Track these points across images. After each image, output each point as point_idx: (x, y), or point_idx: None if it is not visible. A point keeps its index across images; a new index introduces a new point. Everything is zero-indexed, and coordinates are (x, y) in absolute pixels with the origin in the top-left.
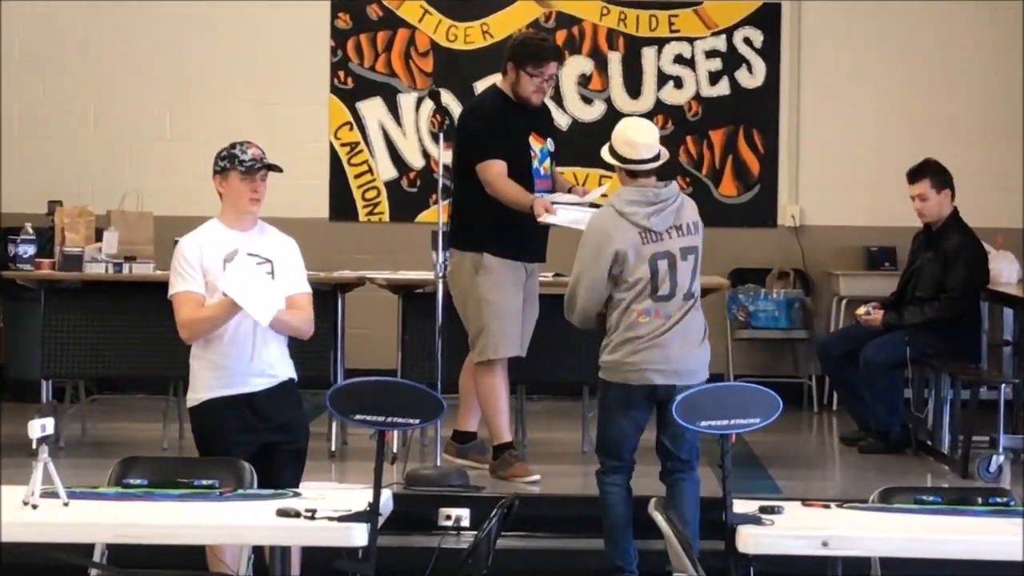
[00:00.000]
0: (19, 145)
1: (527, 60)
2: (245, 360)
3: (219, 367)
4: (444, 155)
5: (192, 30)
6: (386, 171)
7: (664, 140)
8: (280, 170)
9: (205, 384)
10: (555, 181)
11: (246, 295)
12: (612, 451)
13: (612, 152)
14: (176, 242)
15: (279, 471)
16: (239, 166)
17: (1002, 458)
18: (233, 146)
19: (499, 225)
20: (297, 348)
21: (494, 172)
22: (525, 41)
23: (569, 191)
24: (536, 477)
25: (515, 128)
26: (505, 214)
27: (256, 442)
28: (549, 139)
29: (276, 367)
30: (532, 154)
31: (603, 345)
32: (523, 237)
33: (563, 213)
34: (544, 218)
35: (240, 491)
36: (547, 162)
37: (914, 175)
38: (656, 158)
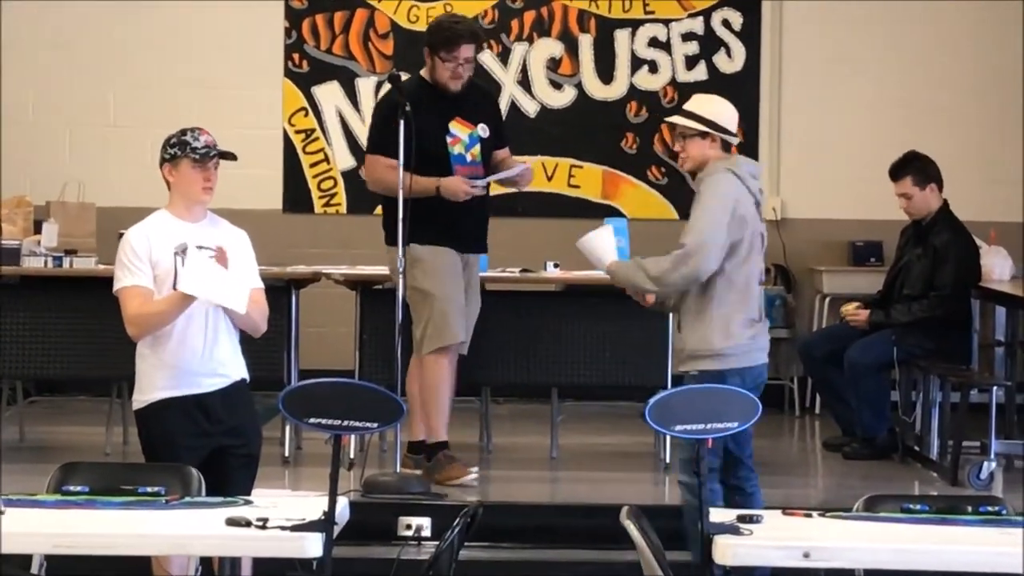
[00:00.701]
0: None
1: (439, 46)
2: (196, 359)
3: (168, 366)
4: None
5: (136, 9)
6: (343, 160)
7: (637, 128)
8: (234, 158)
9: (153, 384)
10: (497, 166)
11: (212, 289)
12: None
13: (713, 124)
14: (121, 234)
15: (230, 477)
16: (191, 153)
17: (994, 464)
18: (184, 132)
19: (422, 213)
20: (248, 347)
21: (376, 164)
22: (438, 25)
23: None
24: (473, 474)
25: (430, 117)
26: (426, 202)
27: (207, 446)
28: (481, 124)
29: (228, 366)
30: (453, 140)
31: (705, 330)
32: (451, 223)
33: (482, 182)
34: (465, 195)
35: (187, 499)
36: (476, 148)
37: (895, 173)
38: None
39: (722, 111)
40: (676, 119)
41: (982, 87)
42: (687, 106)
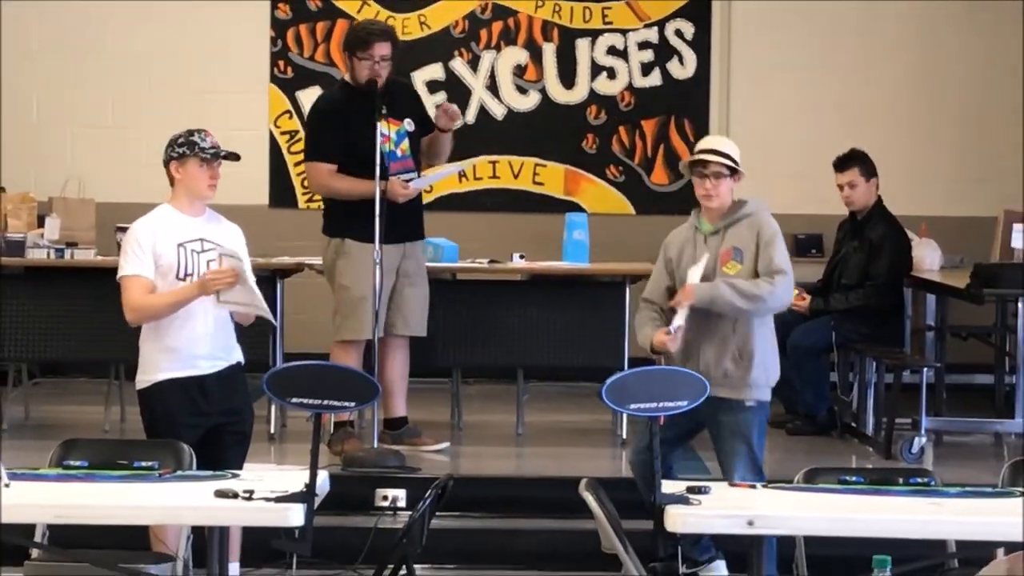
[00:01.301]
0: None
1: (355, 46)
2: (197, 343)
3: (171, 349)
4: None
5: (135, 19)
6: None
7: (597, 130)
8: (238, 158)
9: (156, 366)
10: (427, 148)
11: (247, 302)
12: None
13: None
14: (118, 228)
15: (224, 453)
16: (200, 153)
17: (924, 439)
18: (191, 133)
19: (359, 211)
20: (237, 332)
21: (319, 172)
22: (352, 29)
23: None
24: (365, 447)
25: (358, 119)
26: (367, 203)
27: (204, 424)
28: (407, 119)
29: (226, 351)
30: (384, 138)
31: (768, 361)
32: (387, 220)
33: (419, 183)
34: (404, 196)
35: (179, 472)
36: (404, 143)
37: (843, 164)
38: None
39: (738, 152)
40: (713, 157)
41: (914, 90)
42: (714, 146)
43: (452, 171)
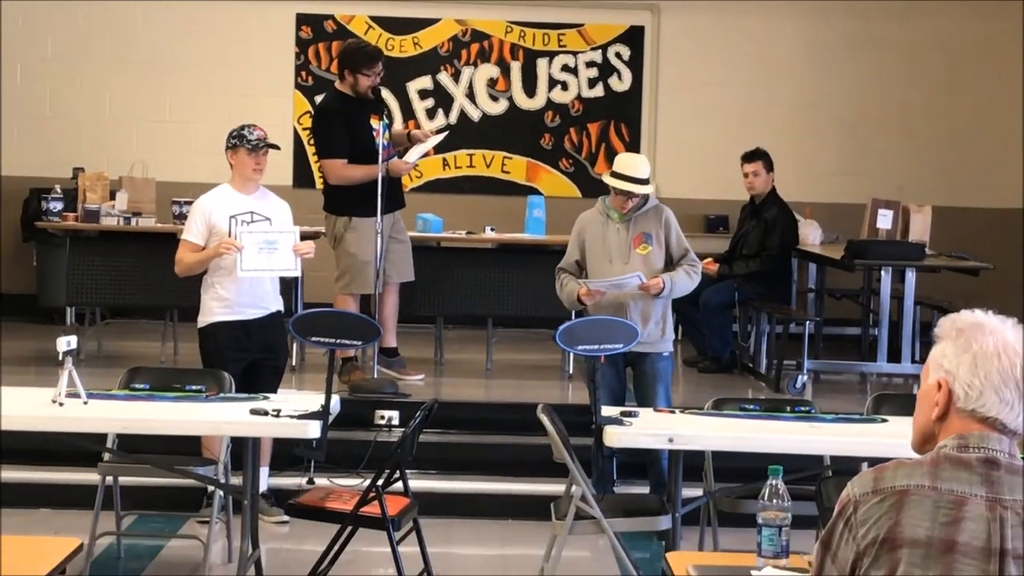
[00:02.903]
0: (50, 124)
1: (362, 64)
2: (242, 295)
3: (222, 299)
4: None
5: (188, 34)
6: None
7: (552, 131)
8: (278, 148)
9: (211, 310)
10: (401, 137)
11: (264, 268)
12: None
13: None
14: (174, 202)
15: (262, 382)
16: (246, 144)
17: (806, 377)
18: (243, 128)
19: (363, 193)
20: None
21: (336, 167)
22: (356, 52)
23: (408, 137)
24: (368, 378)
25: (359, 121)
26: (366, 185)
27: (245, 359)
28: (384, 115)
29: (267, 300)
30: (376, 132)
31: (670, 324)
32: (383, 196)
33: (413, 155)
34: (406, 169)
35: (222, 395)
36: (387, 134)
37: (751, 156)
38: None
39: (649, 168)
40: (638, 190)
41: (802, 102)
42: (637, 175)
43: (432, 143)
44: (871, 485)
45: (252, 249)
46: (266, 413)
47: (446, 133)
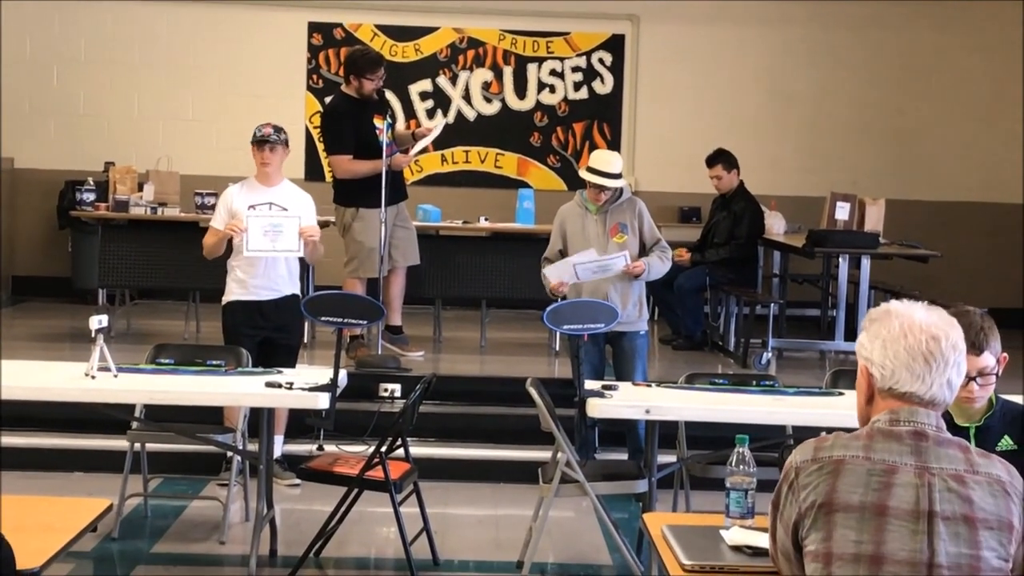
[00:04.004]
0: (84, 121)
1: (367, 70)
2: (257, 277)
3: (239, 280)
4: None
5: (210, 40)
6: None
7: (541, 130)
8: (279, 142)
9: (230, 291)
10: (406, 137)
11: (269, 246)
12: None
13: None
14: (196, 193)
15: (275, 358)
16: (254, 139)
17: (770, 354)
18: (259, 127)
19: (367, 186)
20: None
21: (343, 163)
22: (360, 58)
23: (413, 136)
24: (373, 353)
25: (364, 120)
26: (371, 178)
27: (259, 336)
28: (388, 115)
29: (281, 284)
30: (379, 131)
31: (645, 305)
32: (387, 188)
33: (413, 150)
34: (407, 162)
35: (239, 369)
36: (389, 132)
37: (711, 161)
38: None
39: (621, 163)
40: (610, 184)
41: (769, 105)
42: (609, 169)
43: (431, 138)
44: (811, 454)
45: (258, 231)
46: (280, 386)
47: (444, 123)
